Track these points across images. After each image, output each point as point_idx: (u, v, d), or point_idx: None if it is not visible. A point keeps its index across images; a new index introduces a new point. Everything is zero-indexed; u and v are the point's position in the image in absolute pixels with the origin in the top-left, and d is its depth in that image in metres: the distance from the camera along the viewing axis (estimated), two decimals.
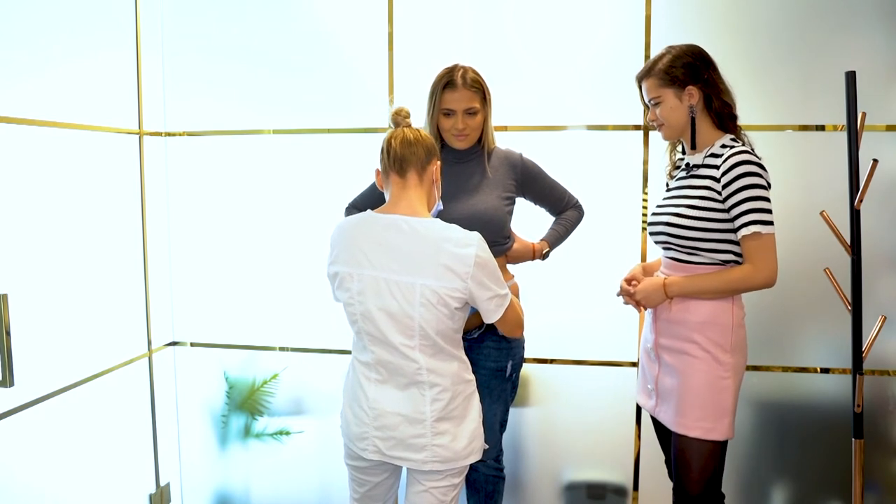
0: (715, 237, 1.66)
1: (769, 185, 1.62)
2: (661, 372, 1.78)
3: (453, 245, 1.47)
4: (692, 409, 1.68)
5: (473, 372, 1.96)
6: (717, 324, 1.67)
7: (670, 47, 1.73)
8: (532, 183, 1.99)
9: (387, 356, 1.55)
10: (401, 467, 1.72)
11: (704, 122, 1.71)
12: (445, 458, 1.56)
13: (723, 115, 1.70)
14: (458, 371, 1.58)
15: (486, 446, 1.73)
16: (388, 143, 1.59)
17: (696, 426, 1.68)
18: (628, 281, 1.88)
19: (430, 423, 1.54)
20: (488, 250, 1.52)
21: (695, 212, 1.67)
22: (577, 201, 2.09)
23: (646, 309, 1.81)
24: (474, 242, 1.49)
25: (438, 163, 1.63)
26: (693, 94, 1.68)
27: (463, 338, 1.94)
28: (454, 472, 1.60)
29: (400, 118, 1.62)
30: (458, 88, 1.85)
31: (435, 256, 1.47)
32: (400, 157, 1.57)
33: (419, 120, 1.94)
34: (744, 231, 1.60)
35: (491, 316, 1.55)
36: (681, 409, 1.70)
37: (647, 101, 1.77)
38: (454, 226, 1.53)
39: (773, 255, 1.62)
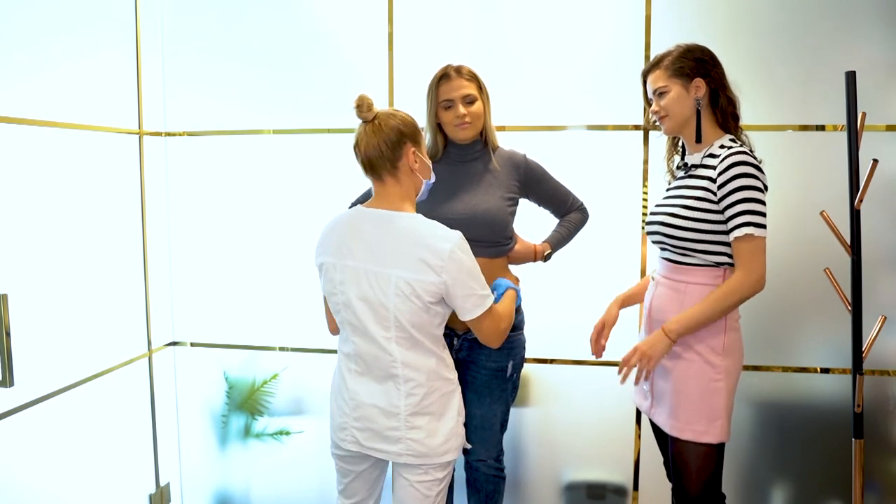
0: (709, 238, 1.65)
1: (766, 187, 1.62)
2: (655, 374, 1.77)
3: (431, 240, 1.49)
4: (684, 411, 1.68)
5: (474, 372, 1.96)
6: (708, 326, 1.66)
7: (679, 44, 1.73)
8: (535, 184, 1.99)
9: (365, 347, 1.57)
10: (384, 461, 1.73)
11: (707, 118, 1.71)
12: (420, 453, 1.57)
13: (727, 113, 1.70)
14: (436, 368, 1.58)
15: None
16: (356, 147, 1.56)
17: (688, 429, 1.68)
18: (599, 332, 1.88)
19: (405, 417, 1.56)
20: (468, 251, 1.52)
21: (690, 212, 1.66)
22: (582, 204, 2.08)
23: (653, 364, 1.68)
24: (453, 240, 1.49)
25: (413, 148, 1.56)
26: (700, 87, 1.68)
27: (463, 337, 1.94)
28: (436, 467, 1.61)
29: (362, 112, 1.54)
30: (453, 79, 1.87)
31: (412, 250, 1.49)
32: (368, 162, 1.55)
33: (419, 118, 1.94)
34: (736, 232, 1.59)
35: (464, 314, 1.53)
36: (674, 412, 1.70)
37: (651, 92, 1.76)
38: (436, 223, 1.54)
39: (763, 259, 1.60)
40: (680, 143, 1.84)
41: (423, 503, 1.61)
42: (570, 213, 2.08)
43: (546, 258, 2.04)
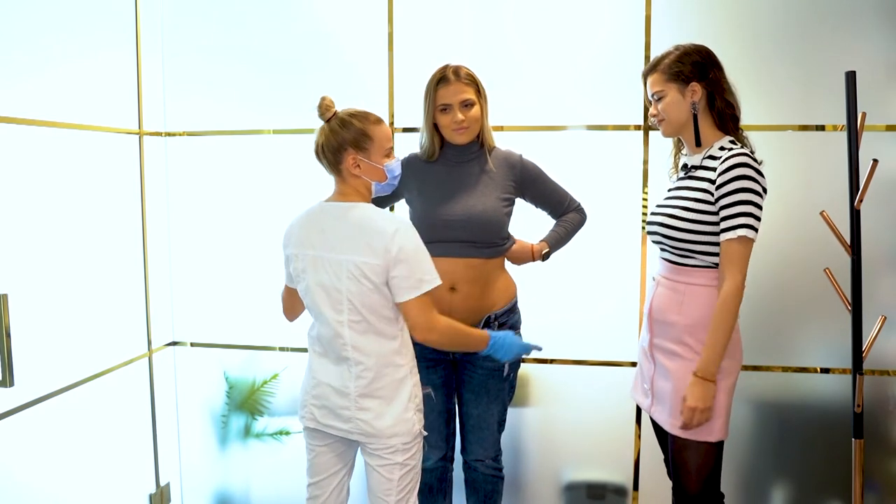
0: (708, 240, 1.65)
1: (765, 191, 1.61)
2: (655, 373, 1.78)
3: (377, 225, 1.59)
4: None
5: (470, 372, 1.97)
6: (706, 326, 1.65)
7: (678, 45, 1.72)
8: (531, 184, 1.99)
9: (323, 330, 1.68)
10: (350, 443, 1.77)
11: (706, 121, 1.71)
12: (367, 433, 1.65)
13: (724, 115, 1.69)
14: (387, 353, 1.65)
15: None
16: (314, 144, 1.68)
17: None
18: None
19: (354, 398, 1.65)
20: (413, 235, 1.61)
21: (689, 213, 1.66)
22: (579, 205, 2.08)
23: (709, 413, 1.64)
24: (397, 225, 1.59)
25: (354, 154, 1.63)
26: (696, 91, 1.68)
27: None
28: (392, 451, 1.66)
29: (321, 113, 1.65)
30: (452, 83, 1.86)
31: (361, 236, 1.60)
32: (319, 161, 1.69)
33: (418, 119, 1.94)
34: (730, 234, 1.58)
35: (398, 295, 1.60)
36: (674, 411, 1.70)
37: (650, 96, 1.76)
38: (384, 211, 1.68)
39: (747, 264, 1.60)
40: (684, 148, 1.84)
41: (387, 486, 1.67)
42: (567, 214, 2.07)
43: (544, 257, 2.04)
